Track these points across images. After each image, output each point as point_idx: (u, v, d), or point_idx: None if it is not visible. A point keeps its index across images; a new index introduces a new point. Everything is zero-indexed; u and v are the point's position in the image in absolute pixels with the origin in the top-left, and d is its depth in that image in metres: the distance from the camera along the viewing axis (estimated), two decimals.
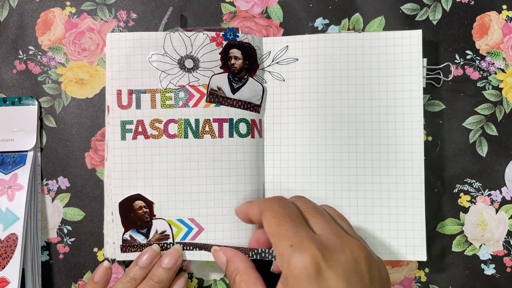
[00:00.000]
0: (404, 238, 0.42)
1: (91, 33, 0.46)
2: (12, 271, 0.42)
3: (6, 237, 0.42)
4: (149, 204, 0.43)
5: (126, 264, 0.46)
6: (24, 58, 0.46)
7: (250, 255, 0.39)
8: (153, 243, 0.42)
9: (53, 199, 0.46)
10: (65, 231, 0.46)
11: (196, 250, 0.42)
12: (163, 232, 0.43)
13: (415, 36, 0.43)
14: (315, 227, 0.34)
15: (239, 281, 0.36)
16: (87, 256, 0.46)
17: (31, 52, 0.46)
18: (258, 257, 0.38)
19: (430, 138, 0.45)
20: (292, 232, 0.32)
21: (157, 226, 0.43)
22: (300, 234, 0.31)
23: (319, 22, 0.46)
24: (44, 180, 0.46)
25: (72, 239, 0.46)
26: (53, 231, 0.46)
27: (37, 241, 0.45)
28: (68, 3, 0.46)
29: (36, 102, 0.46)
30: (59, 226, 0.46)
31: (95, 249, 0.46)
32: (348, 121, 0.43)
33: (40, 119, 0.46)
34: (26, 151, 0.45)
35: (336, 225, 0.35)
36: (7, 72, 0.46)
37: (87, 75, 0.46)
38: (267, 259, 0.37)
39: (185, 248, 0.43)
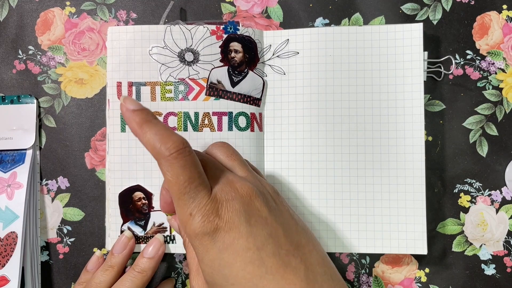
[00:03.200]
0: (405, 232, 0.42)
1: (91, 33, 0.46)
2: (12, 270, 0.42)
3: (6, 235, 0.42)
4: (149, 195, 0.43)
5: None
6: (24, 58, 0.46)
7: None
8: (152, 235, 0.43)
9: (52, 199, 0.46)
10: (65, 231, 0.46)
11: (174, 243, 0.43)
12: (160, 225, 0.43)
13: (416, 30, 0.43)
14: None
15: (188, 247, 0.38)
16: (87, 256, 0.46)
17: (30, 52, 0.46)
18: None
19: (430, 138, 0.45)
20: (191, 199, 0.32)
21: (155, 218, 0.43)
22: (198, 199, 0.32)
23: (319, 22, 0.46)
24: (44, 180, 0.46)
25: (72, 239, 0.46)
26: (53, 231, 0.46)
27: (37, 240, 0.45)
28: (68, 3, 0.46)
29: (35, 101, 0.46)
30: (59, 226, 0.46)
31: (95, 249, 0.46)
32: (349, 114, 0.43)
33: (40, 119, 0.46)
34: (25, 149, 0.45)
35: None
36: (6, 72, 0.46)
37: (87, 75, 0.46)
38: None
39: (169, 241, 0.43)
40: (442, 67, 0.45)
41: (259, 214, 0.33)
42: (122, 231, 0.43)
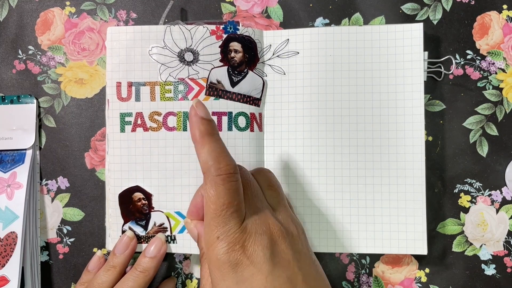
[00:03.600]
0: (405, 232, 0.42)
1: (90, 33, 0.46)
2: (12, 270, 0.42)
3: (5, 235, 0.42)
4: (148, 196, 0.43)
5: None
6: (24, 58, 0.46)
7: None
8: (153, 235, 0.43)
9: (52, 199, 0.46)
10: (65, 231, 0.46)
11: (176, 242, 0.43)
12: (161, 225, 0.43)
13: (416, 30, 0.43)
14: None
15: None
16: (86, 257, 0.46)
17: (30, 52, 0.46)
18: None
19: (430, 138, 0.45)
20: (223, 223, 0.32)
21: (156, 218, 0.43)
22: (229, 225, 0.32)
23: (319, 22, 0.46)
24: (44, 180, 0.46)
25: (72, 239, 0.46)
26: (53, 231, 0.46)
27: (37, 240, 0.45)
28: (67, 3, 0.46)
29: (35, 101, 0.46)
30: (59, 226, 0.46)
31: (95, 249, 0.46)
32: (349, 114, 0.43)
33: (40, 119, 0.46)
34: (25, 149, 0.45)
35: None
36: (6, 72, 0.46)
37: (86, 75, 0.46)
38: None
39: (170, 241, 0.43)
40: (442, 67, 0.45)
41: (283, 256, 0.33)
42: (123, 231, 0.43)
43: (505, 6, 0.45)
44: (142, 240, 0.43)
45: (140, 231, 0.43)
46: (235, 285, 0.31)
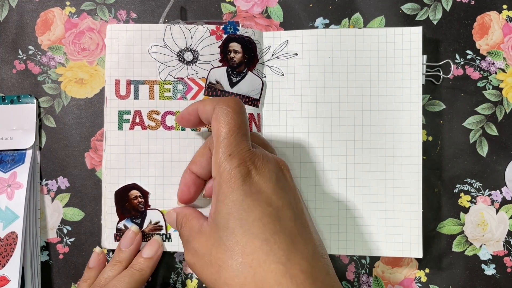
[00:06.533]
0: (401, 235, 0.42)
1: (91, 33, 0.46)
2: (12, 270, 0.42)
3: (6, 235, 0.42)
4: (145, 194, 0.43)
5: None
6: (24, 58, 0.46)
7: None
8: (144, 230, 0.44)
9: (52, 199, 0.46)
10: (65, 231, 0.46)
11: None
12: (156, 223, 0.43)
13: (415, 33, 0.43)
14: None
15: (185, 223, 0.38)
16: (86, 256, 0.46)
17: (30, 52, 0.46)
18: None
19: (430, 138, 0.45)
20: (235, 142, 0.34)
21: (151, 216, 0.43)
22: (241, 146, 0.34)
23: (319, 22, 0.46)
24: (44, 180, 0.46)
25: (72, 239, 0.46)
26: (53, 231, 0.46)
27: (37, 240, 0.45)
28: (68, 3, 0.46)
29: (35, 101, 0.46)
30: (59, 226, 0.46)
31: (104, 250, 0.46)
32: (347, 116, 0.43)
33: (40, 119, 0.46)
34: (25, 149, 0.45)
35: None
36: (6, 72, 0.46)
37: (87, 75, 0.46)
38: None
39: (165, 240, 0.43)
40: (441, 71, 0.45)
41: (286, 182, 0.36)
42: (118, 229, 0.43)
43: (505, 6, 0.45)
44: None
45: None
46: (243, 196, 0.33)
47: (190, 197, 0.40)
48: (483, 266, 0.45)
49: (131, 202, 0.43)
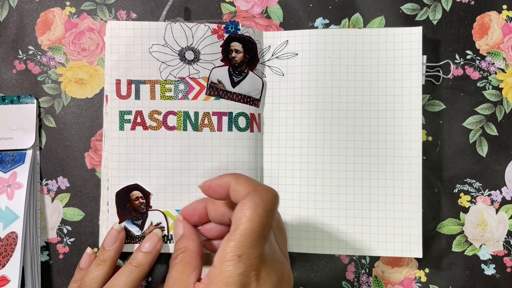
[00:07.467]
0: (401, 235, 0.43)
1: (91, 33, 0.46)
2: (12, 270, 0.42)
3: (6, 235, 0.42)
4: (146, 194, 0.43)
5: None
6: (24, 58, 0.46)
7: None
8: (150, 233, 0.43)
9: (52, 199, 0.46)
10: (65, 231, 0.46)
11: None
12: (158, 224, 0.43)
13: (415, 33, 0.43)
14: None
15: (180, 260, 0.37)
16: None
17: (30, 52, 0.46)
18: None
19: (430, 138, 0.45)
20: (250, 244, 0.32)
21: (153, 217, 0.43)
22: (254, 250, 0.32)
23: (319, 22, 0.46)
24: (44, 180, 0.46)
25: (72, 239, 0.46)
26: (53, 231, 0.46)
27: (37, 240, 0.45)
28: (68, 3, 0.46)
29: (35, 101, 0.46)
30: (59, 226, 0.46)
31: (95, 249, 0.46)
32: (347, 116, 0.43)
33: (40, 119, 0.46)
34: (25, 149, 0.45)
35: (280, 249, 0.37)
36: (6, 72, 0.46)
37: (87, 75, 0.46)
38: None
39: (166, 241, 0.43)
40: (440, 71, 0.45)
41: None
42: None
43: (504, 6, 0.46)
44: (137, 240, 0.43)
45: (135, 230, 0.43)
46: None
47: (190, 221, 0.40)
48: (483, 266, 0.45)
49: (132, 203, 0.43)
